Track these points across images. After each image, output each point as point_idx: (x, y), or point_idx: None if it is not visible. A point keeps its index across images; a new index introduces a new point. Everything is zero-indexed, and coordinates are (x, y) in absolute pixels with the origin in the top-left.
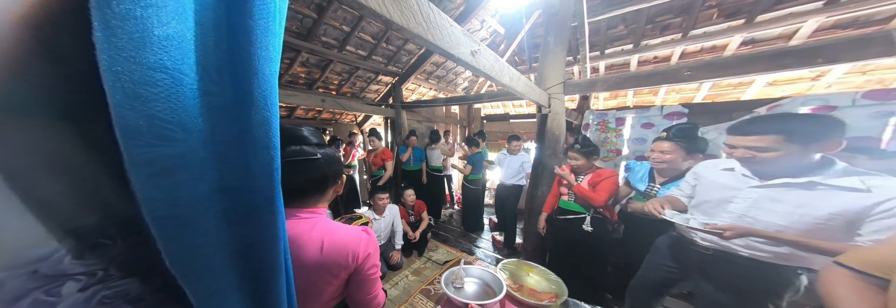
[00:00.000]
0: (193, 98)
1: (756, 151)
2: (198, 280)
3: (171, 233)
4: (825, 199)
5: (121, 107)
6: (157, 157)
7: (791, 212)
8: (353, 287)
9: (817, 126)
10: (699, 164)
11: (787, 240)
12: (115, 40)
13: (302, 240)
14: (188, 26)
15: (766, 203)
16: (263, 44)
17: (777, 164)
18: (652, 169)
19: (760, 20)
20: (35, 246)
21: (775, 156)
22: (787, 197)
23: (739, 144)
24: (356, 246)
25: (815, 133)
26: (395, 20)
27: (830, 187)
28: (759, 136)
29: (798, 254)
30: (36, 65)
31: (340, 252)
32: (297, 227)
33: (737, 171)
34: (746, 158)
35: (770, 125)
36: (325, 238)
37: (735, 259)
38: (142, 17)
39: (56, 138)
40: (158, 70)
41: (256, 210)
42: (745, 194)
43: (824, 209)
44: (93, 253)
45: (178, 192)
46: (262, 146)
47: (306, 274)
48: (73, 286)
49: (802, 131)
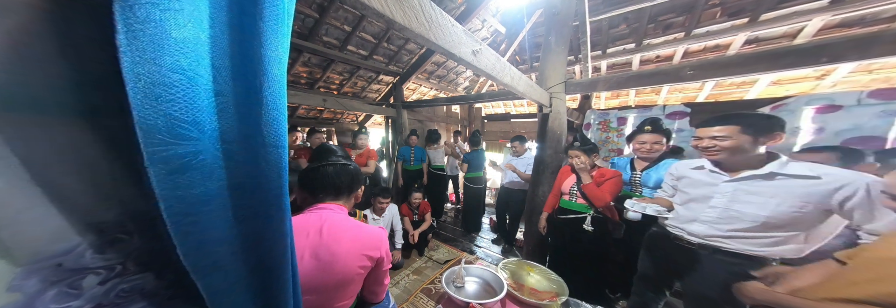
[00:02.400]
0: (207, 98)
1: (717, 141)
2: (209, 274)
3: (186, 228)
4: (788, 187)
5: (141, 107)
6: (174, 155)
7: (766, 202)
8: (373, 276)
9: (764, 121)
10: (673, 166)
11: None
12: (136, 43)
13: (337, 228)
14: (203, 29)
15: (743, 195)
16: (273, 45)
17: (735, 157)
18: (632, 160)
19: (764, 19)
20: (59, 240)
21: (731, 144)
22: (758, 188)
23: (704, 135)
24: (380, 240)
25: (762, 127)
26: (398, 20)
27: (786, 176)
28: (722, 126)
29: (779, 247)
30: (60, 66)
31: (373, 242)
32: (333, 216)
33: (706, 167)
34: (709, 148)
35: (729, 118)
36: (356, 230)
37: (718, 253)
38: (161, 20)
39: (78, 136)
40: (176, 71)
41: (266, 207)
42: (722, 189)
43: (793, 197)
44: (112, 248)
45: (192, 189)
46: (271, 145)
47: (345, 260)
48: (93, 280)
49: (753, 125)
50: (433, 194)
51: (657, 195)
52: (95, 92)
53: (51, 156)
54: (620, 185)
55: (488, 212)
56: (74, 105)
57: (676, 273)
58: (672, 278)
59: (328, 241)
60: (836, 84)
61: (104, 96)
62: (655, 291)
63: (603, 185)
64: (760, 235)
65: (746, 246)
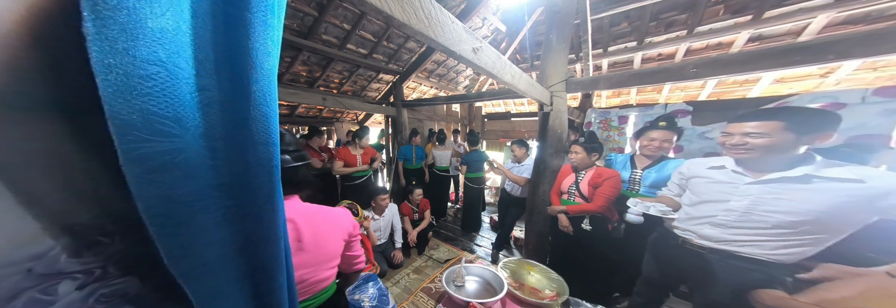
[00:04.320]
0: (189, 93)
1: (750, 138)
2: (197, 279)
3: (169, 231)
4: (826, 192)
5: (113, 100)
6: (152, 152)
7: (798, 207)
8: (347, 249)
9: (817, 118)
10: (684, 164)
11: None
12: (105, 31)
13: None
14: (184, 18)
15: (770, 199)
16: (262, 37)
17: (766, 158)
18: (632, 157)
19: (768, 16)
20: (29, 243)
21: (767, 142)
22: (789, 193)
23: (737, 131)
24: (347, 216)
25: (813, 124)
26: (397, 16)
27: (824, 179)
28: (761, 121)
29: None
30: (29, 57)
31: (344, 219)
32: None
33: (728, 167)
34: (738, 146)
35: (774, 114)
36: (325, 212)
37: (730, 257)
38: (135, 8)
39: (50, 133)
40: (153, 63)
41: (256, 207)
42: (743, 192)
43: (831, 202)
44: (90, 251)
45: (174, 189)
46: (261, 142)
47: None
48: (69, 285)
49: (802, 121)
50: (436, 194)
51: (661, 194)
52: (68, 86)
53: (19, 153)
54: (619, 186)
55: (489, 210)
56: (46, 99)
57: (683, 277)
58: (678, 282)
59: (304, 227)
60: (840, 82)
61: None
62: (659, 293)
63: (600, 186)
64: (781, 240)
65: (763, 251)
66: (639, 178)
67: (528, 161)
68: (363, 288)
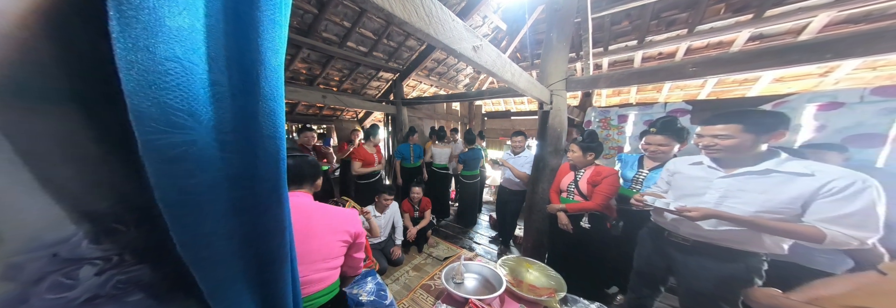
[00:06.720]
0: (203, 87)
1: (719, 139)
2: (206, 266)
3: (181, 219)
4: (781, 184)
5: (134, 94)
6: (169, 143)
7: (756, 198)
8: (353, 250)
9: (768, 119)
10: (671, 161)
11: (746, 220)
12: (129, 30)
13: (307, 209)
14: (198, 17)
15: (735, 192)
16: (269, 35)
17: (735, 155)
18: (642, 157)
19: (769, 15)
20: (54, 229)
21: (732, 143)
22: (751, 185)
23: (706, 133)
24: (353, 217)
25: (766, 125)
26: (397, 14)
27: (782, 173)
28: (724, 124)
29: (767, 239)
30: (53, 54)
31: (347, 219)
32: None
33: (704, 163)
34: (710, 147)
35: (732, 117)
36: (326, 209)
37: (711, 249)
38: (155, 7)
39: (72, 125)
40: (170, 59)
41: (262, 198)
42: (716, 185)
43: (784, 193)
44: (108, 238)
45: (188, 179)
46: (268, 136)
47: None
48: (89, 270)
49: (756, 122)
50: (436, 193)
51: (650, 191)
52: (90, 80)
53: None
54: (617, 184)
55: (488, 209)
56: (69, 93)
57: (669, 268)
58: (666, 274)
59: (300, 220)
60: (839, 81)
61: (98, 85)
62: (651, 287)
63: (599, 184)
64: (749, 231)
65: (735, 241)
66: (642, 179)
67: (525, 153)
68: (361, 283)
